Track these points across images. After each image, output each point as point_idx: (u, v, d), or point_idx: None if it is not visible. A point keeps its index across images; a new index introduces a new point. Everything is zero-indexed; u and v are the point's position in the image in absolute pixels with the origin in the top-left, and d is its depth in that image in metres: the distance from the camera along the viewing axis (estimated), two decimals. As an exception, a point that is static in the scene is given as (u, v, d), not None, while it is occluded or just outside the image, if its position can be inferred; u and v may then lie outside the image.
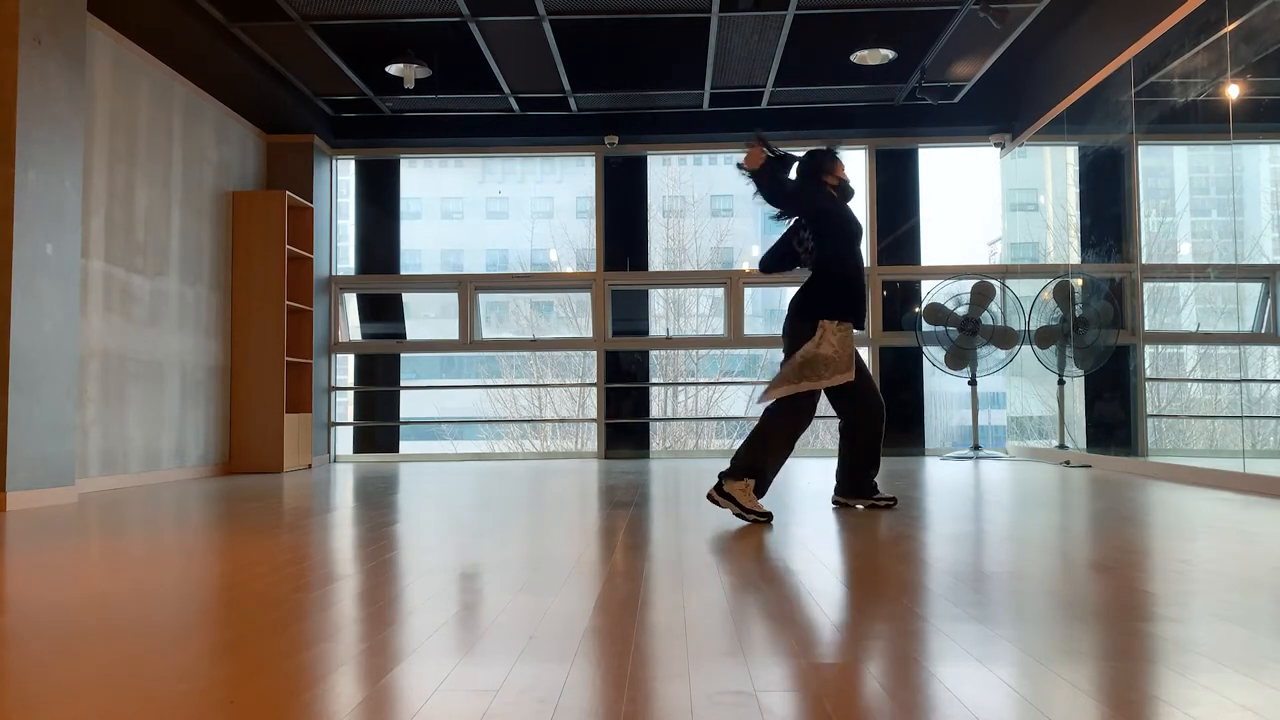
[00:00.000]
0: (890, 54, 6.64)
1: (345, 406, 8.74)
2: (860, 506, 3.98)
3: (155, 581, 2.51)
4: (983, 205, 9.06)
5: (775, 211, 3.98)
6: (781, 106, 7.90)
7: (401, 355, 8.66)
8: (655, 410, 11.23)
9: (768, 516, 3.56)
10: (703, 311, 14.56)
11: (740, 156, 3.93)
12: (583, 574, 2.53)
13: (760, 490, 3.66)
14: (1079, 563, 2.65)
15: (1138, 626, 1.88)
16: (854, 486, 3.99)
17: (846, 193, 4.02)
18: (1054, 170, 7.66)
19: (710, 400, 14.24)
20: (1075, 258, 7.11)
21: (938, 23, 6.31)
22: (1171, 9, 5.36)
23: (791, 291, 3.99)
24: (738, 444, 3.88)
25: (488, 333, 8.85)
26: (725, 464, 3.79)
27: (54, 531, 3.59)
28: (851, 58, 6.73)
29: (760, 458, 3.67)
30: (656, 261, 11.28)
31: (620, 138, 8.13)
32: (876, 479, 4.05)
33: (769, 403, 3.80)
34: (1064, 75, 6.86)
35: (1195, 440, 6.16)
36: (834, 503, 4.05)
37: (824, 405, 3.94)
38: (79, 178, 4.83)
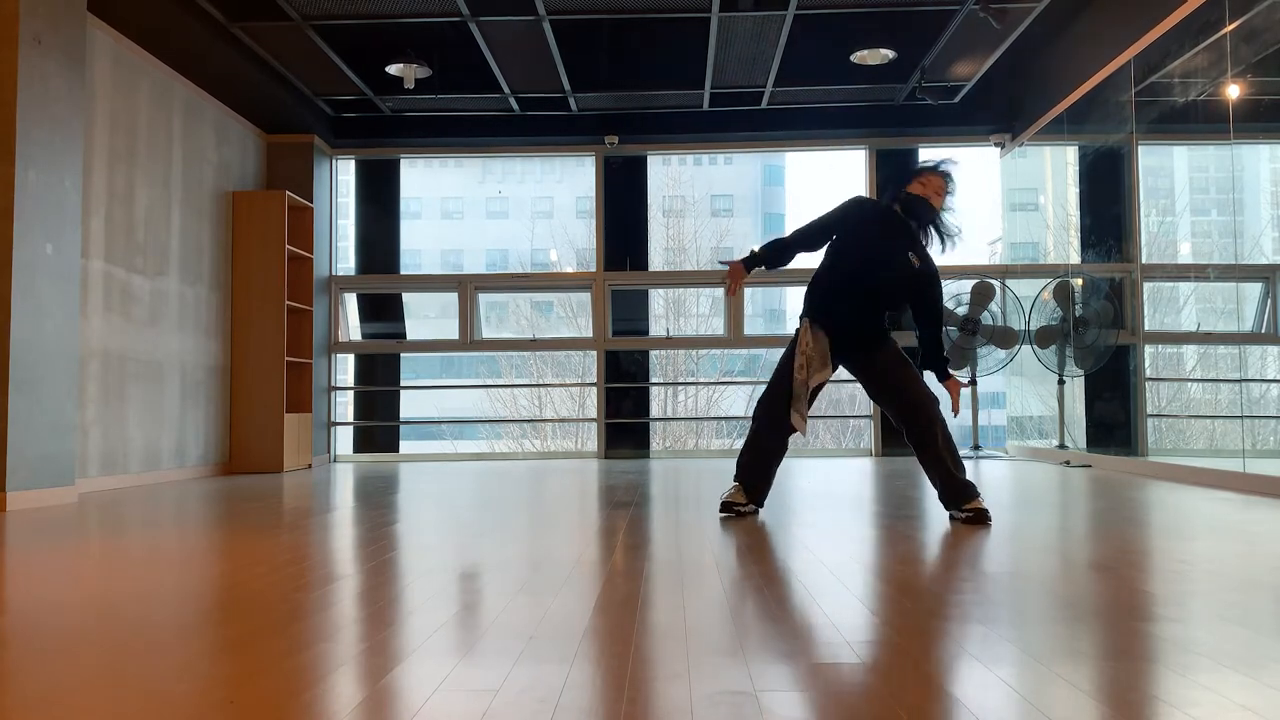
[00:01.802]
0: (890, 54, 6.64)
1: (345, 406, 8.75)
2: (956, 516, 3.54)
3: (155, 581, 2.51)
4: (983, 205, 9.05)
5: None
6: (781, 106, 7.90)
7: (401, 355, 8.67)
8: (655, 410, 11.23)
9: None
10: (703, 311, 14.57)
11: None
12: (583, 574, 2.53)
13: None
14: (1079, 563, 2.65)
15: (1138, 626, 1.88)
16: (943, 497, 3.60)
17: (918, 210, 3.66)
18: (1054, 170, 7.66)
19: (710, 400, 14.25)
20: (1075, 258, 7.11)
21: (938, 23, 6.31)
22: (1171, 9, 5.36)
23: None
24: (739, 444, 3.86)
25: (488, 333, 8.85)
26: (730, 464, 3.80)
27: (54, 531, 3.59)
28: (851, 58, 6.73)
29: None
30: (656, 261, 11.29)
31: (620, 138, 8.13)
32: (971, 489, 3.53)
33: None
34: (1064, 75, 6.86)
35: (1195, 440, 6.16)
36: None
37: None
38: (79, 178, 4.83)
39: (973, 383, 7.71)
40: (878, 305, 3.70)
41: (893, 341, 3.70)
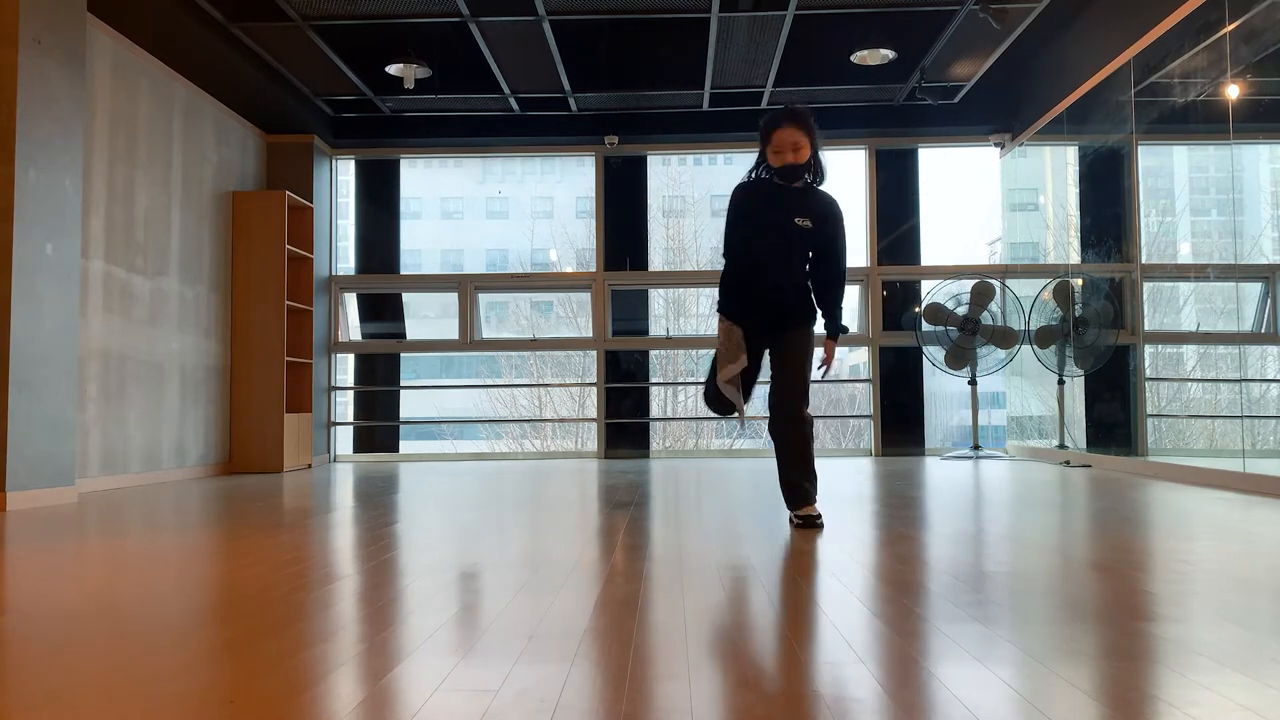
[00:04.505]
0: (890, 54, 6.64)
1: (345, 406, 8.75)
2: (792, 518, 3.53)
3: (155, 581, 2.51)
4: (983, 205, 9.06)
5: None
6: (781, 107, 7.90)
7: (401, 355, 8.67)
8: (655, 410, 11.22)
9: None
10: (703, 311, 14.56)
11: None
12: (583, 574, 2.53)
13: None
14: (1079, 563, 2.65)
15: (1138, 626, 1.88)
16: (782, 488, 3.57)
17: (784, 174, 3.55)
18: (1054, 170, 7.66)
19: (710, 400, 14.21)
20: (1075, 258, 7.11)
21: (938, 23, 6.31)
22: (1171, 9, 5.36)
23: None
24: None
25: (488, 333, 8.85)
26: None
27: (54, 531, 3.59)
28: (851, 58, 6.73)
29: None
30: (656, 261, 11.29)
31: (620, 138, 8.13)
32: (810, 494, 3.50)
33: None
34: (1064, 75, 6.86)
35: (1195, 440, 6.16)
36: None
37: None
38: (79, 178, 4.83)
39: (973, 382, 7.71)
40: (789, 282, 3.58)
41: (812, 331, 3.61)
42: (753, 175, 3.69)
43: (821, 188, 3.70)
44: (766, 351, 3.66)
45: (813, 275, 3.63)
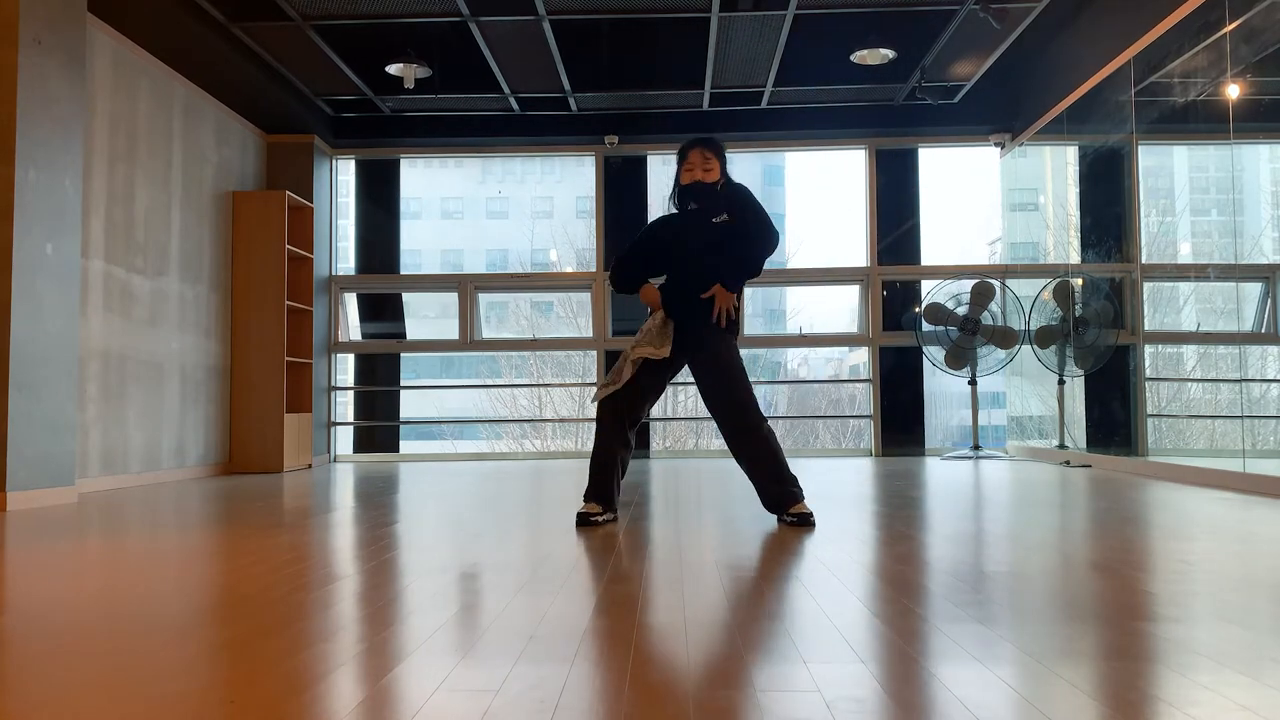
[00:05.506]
0: (890, 54, 6.64)
1: (345, 406, 8.75)
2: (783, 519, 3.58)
3: (155, 581, 2.51)
4: (983, 205, 9.06)
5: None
6: (781, 106, 7.90)
7: (401, 355, 8.67)
8: (655, 410, 11.22)
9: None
10: (703, 311, 14.51)
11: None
12: (583, 574, 2.53)
13: None
14: (1079, 563, 2.65)
15: (1138, 626, 1.88)
16: (765, 501, 3.64)
17: (694, 195, 3.70)
18: (1054, 170, 7.66)
19: (710, 400, 14.19)
20: (1075, 258, 7.11)
21: (938, 23, 6.31)
22: (1171, 9, 5.36)
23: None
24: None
25: (488, 333, 8.85)
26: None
27: (54, 531, 3.59)
28: (851, 58, 6.73)
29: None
30: (656, 261, 11.24)
31: (620, 138, 8.13)
32: (796, 494, 3.56)
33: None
34: (1064, 75, 6.86)
35: (1195, 440, 6.16)
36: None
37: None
38: (79, 178, 4.83)
39: (973, 382, 7.71)
40: (701, 296, 3.69)
41: (732, 340, 3.68)
42: (672, 205, 3.85)
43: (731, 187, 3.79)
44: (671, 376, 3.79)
45: (732, 250, 3.67)
